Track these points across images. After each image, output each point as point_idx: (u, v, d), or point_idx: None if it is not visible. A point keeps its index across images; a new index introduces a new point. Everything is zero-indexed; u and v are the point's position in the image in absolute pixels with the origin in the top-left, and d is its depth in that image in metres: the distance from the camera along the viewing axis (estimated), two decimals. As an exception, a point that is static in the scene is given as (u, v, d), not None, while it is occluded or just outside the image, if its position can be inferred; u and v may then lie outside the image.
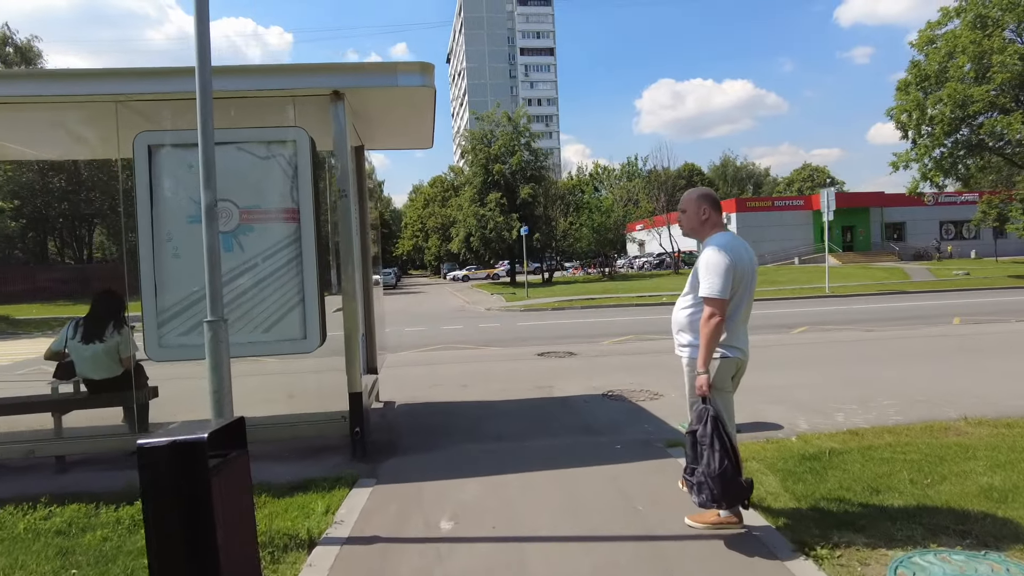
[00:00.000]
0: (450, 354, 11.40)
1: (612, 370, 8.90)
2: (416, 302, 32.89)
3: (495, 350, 12.13)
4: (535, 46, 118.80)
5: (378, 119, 5.79)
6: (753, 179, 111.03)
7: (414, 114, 5.68)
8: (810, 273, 38.73)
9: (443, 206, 72.15)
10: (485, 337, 14.98)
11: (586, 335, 14.57)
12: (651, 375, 8.35)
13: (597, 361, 9.78)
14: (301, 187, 4.89)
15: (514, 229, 38.70)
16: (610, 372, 8.74)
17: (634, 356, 10.21)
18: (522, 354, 10.84)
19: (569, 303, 24.62)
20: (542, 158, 44.00)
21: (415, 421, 6.39)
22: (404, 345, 13.69)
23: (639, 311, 20.83)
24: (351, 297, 5.04)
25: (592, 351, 10.93)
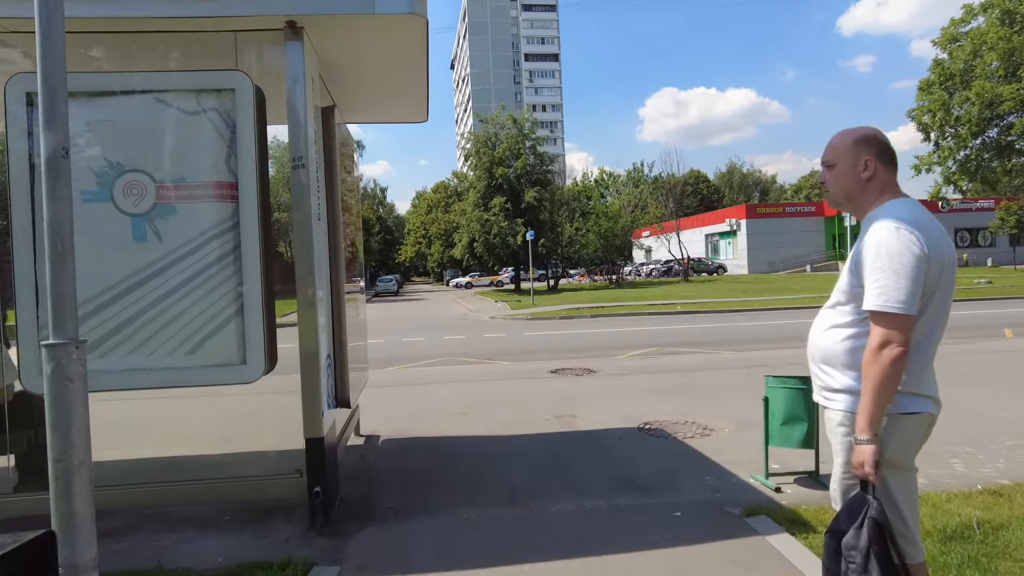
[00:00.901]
0: (450, 370, 10.00)
1: (641, 393, 7.50)
2: (417, 309, 31.52)
3: (501, 365, 10.72)
4: (539, 52, 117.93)
5: (354, 73, 4.43)
6: (760, 186, 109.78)
7: (401, 63, 4.31)
8: (825, 281, 37.24)
9: (446, 212, 71.00)
10: (490, 349, 13.58)
11: (601, 347, 13.18)
12: (689, 400, 6.96)
13: (621, 381, 8.37)
14: (242, 154, 3.53)
15: (519, 234, 37.37)
16: (639, 396, 7.34)
17: (663, 375, 8.79)
18: (533, 371, 9.44)
19: (578, 311, 23.22)
20: (548, 162, 42.72)
21: (403, 465, 4.99)
22: (399, 358, 12.30)
23: (654, 320, 19.41)
24: (309, 306, 3.68)
25: (613, 368, 9.51)
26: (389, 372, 10.00)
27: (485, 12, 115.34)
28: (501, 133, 41.51)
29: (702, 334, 15.45)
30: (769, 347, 12.21)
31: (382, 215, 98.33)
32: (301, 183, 3.61)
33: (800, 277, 43.46)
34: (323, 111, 4.19)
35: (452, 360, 12.06)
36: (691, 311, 22.45)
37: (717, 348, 12.53)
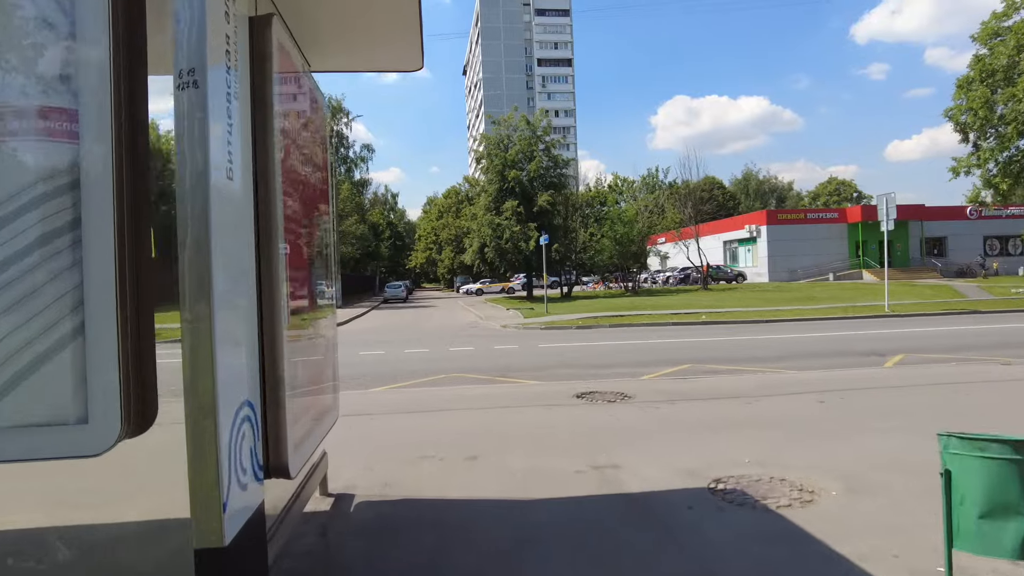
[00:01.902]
0: (456, 392, 8.45)
1: (695, 429, 5.93)
2: (425, 317, 30.05)
3: (516, 387, 9.14)
4: (552, 57, 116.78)
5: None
6: (776, 193, 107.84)
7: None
8: (852, 290, 35.52)
9: (457, 217, 69.71)
10: (501, 363, 12.04)
11: (628, 363, 11.60)
12: (762, 441, 5.38)
13: (666, 411, 6.79)
14: (84, 59, 2.00)
15: (531, 239, 35.87)
16: (694, 433, 5.77)
17: (714, 403, 7.20)
18: (554, 394, 7.88)
19: (595, 320, 21.65)
20: (562, 164, 41.24)
21: (380, 552, 3.44)
22: (399, 374, 10.78)
23: (679, 332, 17.80)
24: (199, 328, 2.15)
25: (650, 392, 7.93)
26: (383, 394, 8.49)
27: (498, 17, 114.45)
28: (514, 135, 40.12)
29: (738, 348, 13.84)
30: (823, 364, 10.59)
31: (392, 220, 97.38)
32: (188, 112, 2.10)
33: (824, 286, 41.64)
34: (255, 21, 2.70)
35: (459, 377, 10.53)
36: (717, 321, 20.85)
37: (761, 365, 10.92)
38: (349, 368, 12.03)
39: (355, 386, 9.74)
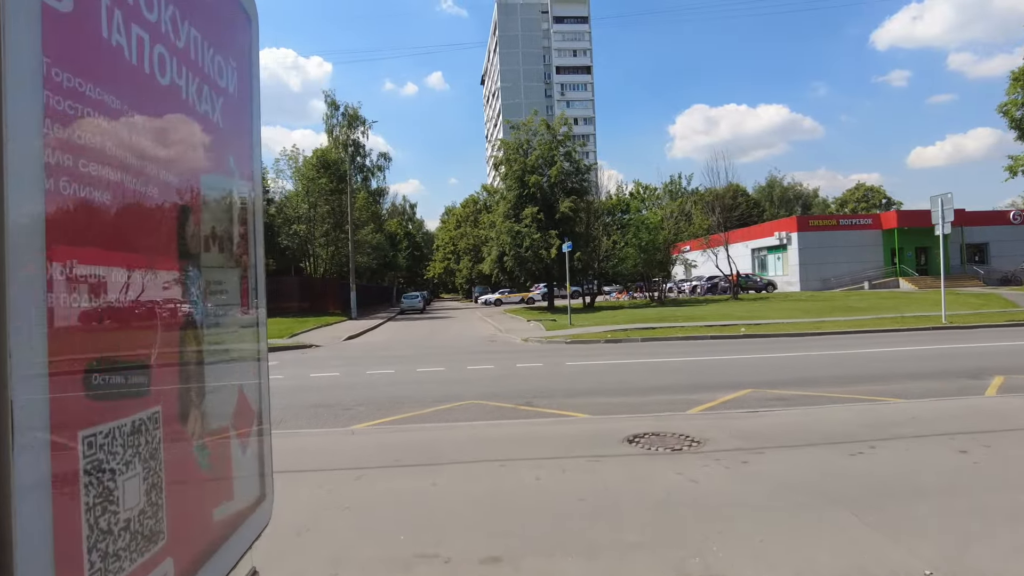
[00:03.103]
0: (471, 433, 6.70)
1: (814, 501, 4.15)
2: (441, 328, 28.42)
3: (545, 424, 7.40)
4: (571, 64, 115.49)
5: None
6: (801, 200, 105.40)
7: None
8: (892, 299, 33.21)
9: (475, 226, 68.31)
10: (526, 387, 10.32)
11: (676, 387, 9.82)
12: (920, 521, 3.63)
13: (756, 466, 5.00)
14: None
15: (552, 247, 34.17)
16: (816, 510, 3.99)
17: (812, 451, 5.41)
18: (598, 437, 6.12)
19: (625, 334, 19.85)
20: (584, 170, 39.54)
21: None
22: (403, 401, 9.10)
23: (721, 347, 15.95)
24: None
25: (721, 432, 6.14)
26: (378, 433, 6.80)
27: (516, 25, 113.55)
28: (534, 140, 38.54)
29: (797, 367, 11.98)
30: (910, 389, 8.71)
31: (411, 231, 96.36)
32: None
33: (860, 295, 39.35)
34: None
35: (476, 406, 8.83)
36: (759, 335, 18.96)
37: (836, 389, 9.09)
38: (348, 392, 10.39)
39: (346, 419, 8.08)
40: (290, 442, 6.28)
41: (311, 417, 8.44)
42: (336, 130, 55.49)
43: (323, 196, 41.83)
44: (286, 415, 8.62)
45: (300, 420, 8.25)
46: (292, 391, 10.88)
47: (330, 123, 56.08)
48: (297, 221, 42.43)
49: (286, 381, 12.30)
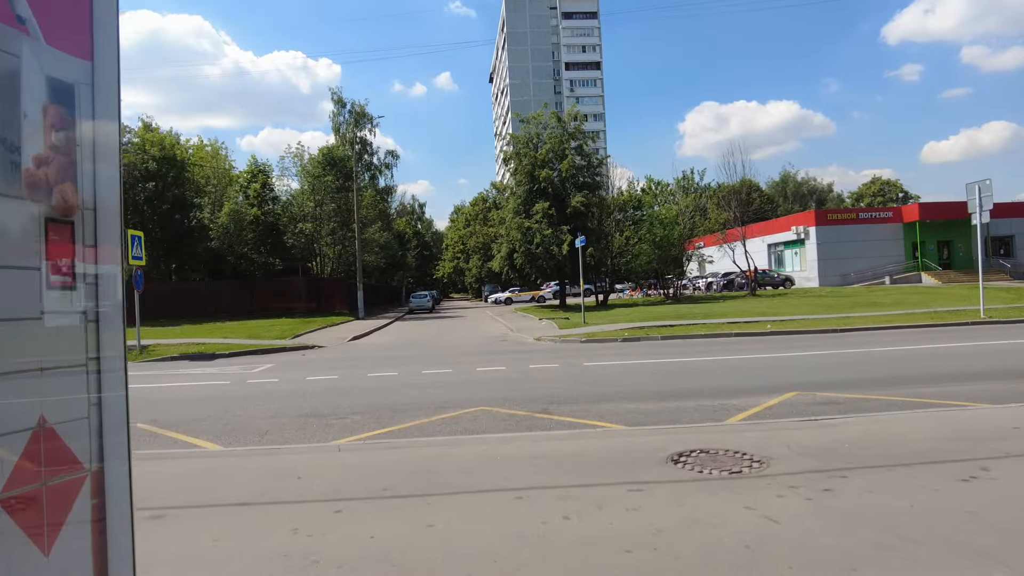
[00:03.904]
0: (480, 450, 5.62)
1: (954, 556, 3.11)
2: (450, 329, 27.43)
3: (569, 439, 6.37)
4: (580, 60, 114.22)
5: None
6: (816, 195, 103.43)
7: None
8: (918, 295, 31.82)
9: (485, 224, 67.33)
10: (542, 391, 9.28)
11: (710, 390, 8.75)
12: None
13: (844, 497, 3.88)
14: None
15: (564, 243, 33.07)
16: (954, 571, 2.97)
17: (906, 472, 4.34)
18: (634, 454, 5.07)
19: (643, 332, 18.75)
20: (596, 164, 38.39)
21: None
22: (404, 409, 8.09)
23: (748, 346, 14.84)
24: None
25: (783, 448, 5.06)
26: (369, 449, 5.77)
27: (524, 22, 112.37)
28: (544, 133, 37.42)
29: (839, 366, 10.88)
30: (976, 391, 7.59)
31: (420, 230, 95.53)
32: None
33: (883, 290, 37.95)
34: None
35: (487, 413, 7.80)
36: (786, 332, 17.82)
37: (895, 392, 8.00)
38: (345, 398, 9.39)
39: (339, 430, 7.08)
40: (264, 462, 5.29)
41: (299, 428, 7.46)
42: (343, 128, 54.52)
43: (329, 194, 40.94)
44: (272, 426, 7.64)
45: (286, 432, 7.26)
46: (284, 397, 9.91)
47: (337, 121, 55.07)
48: (303, 219, 41.56)
49: (280, 386, 11.33)
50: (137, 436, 7.36)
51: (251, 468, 5.11)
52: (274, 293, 37.62)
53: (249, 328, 26.03)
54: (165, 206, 37.83)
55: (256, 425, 7.71)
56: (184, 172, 40.76)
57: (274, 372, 13.40)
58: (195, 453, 5.85)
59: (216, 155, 53.54)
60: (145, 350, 18.25)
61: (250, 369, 14.02)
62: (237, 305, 35.57)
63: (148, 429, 7.72)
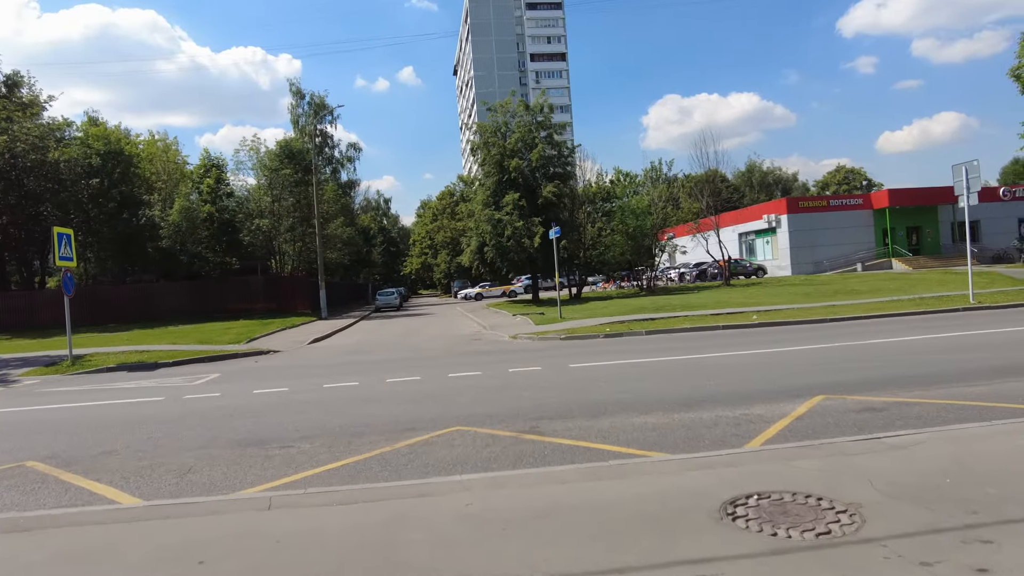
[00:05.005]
0: (455, 506, 4.21)
1: None
2: (419, 327, 25.92)
3: (579, 483, 5.05)
4: (546, 51, 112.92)
5: None
6: (781, 184, 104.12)
7: None
8: (894, 281, 31.36)
9: (452, 218, 65.65)
10: (527, 402, 7.93)
11: (721, 396, 7.49)
12: None
13: None
14: None
15: (536, 235, 31.77)
16: None
17: None
18: (669, 504, 3.74)
19: (625, 327, 17.57)
20: (566, 153, 37.13)
21: None
22: (363, 433, 6.65)
23: (740, 339, 13.73)
24: None
25: (870, 484, 3.78)
26: (305, 506, 4.31)
27: (488, 12, 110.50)
28: (512, 122, 36.01)
29: (853, 361, 9.78)
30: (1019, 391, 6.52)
31: (386, 226, 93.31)
32: None
33: (857, 277, 37.53)
34: None
35: (462, 434, 6.43)
36: (774, 323, 16.81)
37: (930, 391, 6.87)
38: (295, 417, 7.89)
39: (280, 464, 5.63)
40: (163, 531, 3.84)
41: (231, 463, 5.98)
42: (302, 120, 52.34)
43: (288, 188, 38.89)
44: (198, 460, 6.14)
45: (214, 469, 5.78)
46: (223, 417, 8.38)
47: (295, 113, 52.77)
48: (260, 216, 39.45)
49: (220, 401, 9.77)
50: (20, 481, 5.80)
51: (141, 542, 3.67)
52: (232, 293, 35.45)
53: (203, 332, 24.16)
54: (112, 204, 35.36)
55: (179, 459, 6.21)
56: (132, 168, 38.24)
57: (218, 384, 11.80)
58: (73, 518, 4.34)
59: (168, 150, 50.86)
60: (79, 361, 16.37)
61: (192, 381, 12.38)
62: (193, 307, 33.43)
63: (39, 469, 6.16)
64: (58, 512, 4.50)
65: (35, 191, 31.98)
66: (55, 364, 16.10)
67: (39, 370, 15.43)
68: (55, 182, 32.47)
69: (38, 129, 33.31)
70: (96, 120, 42.77)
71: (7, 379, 14.51)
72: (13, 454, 6.85)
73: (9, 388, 13.17)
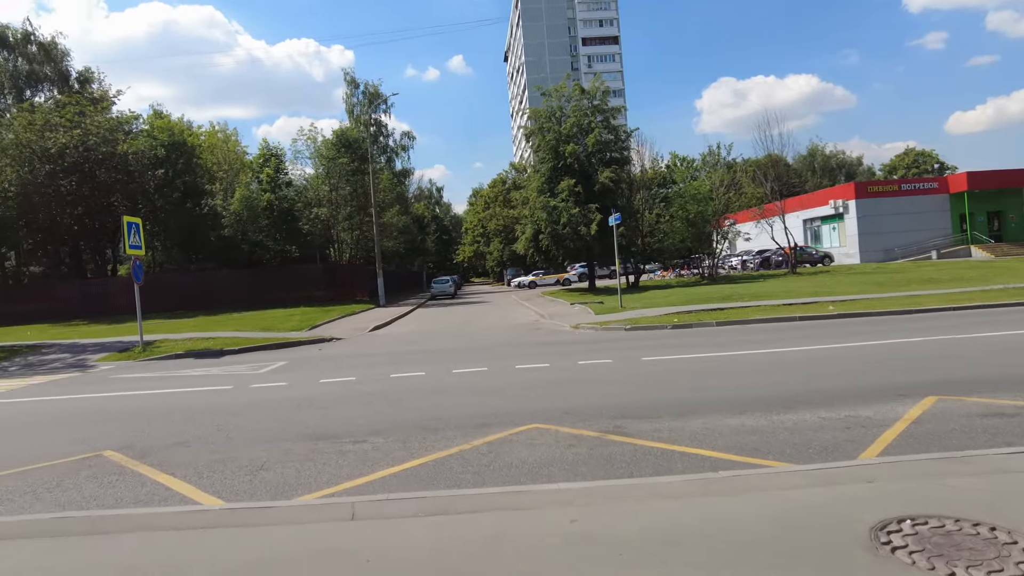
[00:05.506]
0: (554, 526, 3.63)
1: None
2: (476, 315, 25.72)
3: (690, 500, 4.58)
4: (598, 35, 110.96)
5: None
6: (844, 169, 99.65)
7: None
8: (975, 270, 29.27)
9: (505, 206, 65.32)
10: (602, 400, 7.48)
11: (820, 395, 6.86)
12: None
13: None
14: None
15: (593, 222, 31.08)
16: None
17: None
18: (802, 529, 3.24)
19: (694, 317, 16.84)
20: (623, 138, 36.17)
21: None
22: (436, 428, 6.32)
23: (821, 331, 12.87)
24: None
25: None
26: (389, 517, 3.95)
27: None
28: (567, 106, 35.29)
29: (956, 357, 8.94)
30: None
31: (438, 214, 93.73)
32: None
33: (935, 265, 35.45)
34: None
35: (541, 432, 6.03)
36: (852, 314, 15.75)
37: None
38: (364, 410, 7.64)
39: (354, 463, 5.35)
40: (237, 542, 3.57)
41: (304, 459, 5.75)
42: (357, 109, 52.94)
43: (344, 177, 39.23)
44: (270, 455, 5.94)
45: (287, 466, 5.56)
46: (291, 409, 8.23)
47: (350, 102, 53.54)
48: (318, 204, 39.95)
49: (288, 391, 9.66)
50: (99, 472, 5.71)
51: (218, 556, 3.40)
52: (291, 281, 36.09)
53: (265, 319, 24.55)
54: (176, 194, 36.43)
55: (251, 454, 6.03)
56: (195, 159, 39.32)
57: (284, 372, 11.76)
58: (150, 520, 4.14)
59: (228, 141, 52.14)
60: (149, 347, 16.76)
61: (258, 369, 12.41)
62: (254, 294, 34.15)
63: (116, 460, 6.08)
64: (137, 513, 4.32)
65: (106, 182, 33.12)
66: (127, 350, 16.51)
67: (113, 356, 15.85)
68: (124, 173, 33.55)
69: (108, 123, 34.53)
70: (160, 113, 44.14)
71: (85, 364, 14.94)
72: (91, 443, 6.83)
73: (87, 373, 13.51)
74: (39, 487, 5.39)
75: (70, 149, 31.86)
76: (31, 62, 41.24)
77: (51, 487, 5.38)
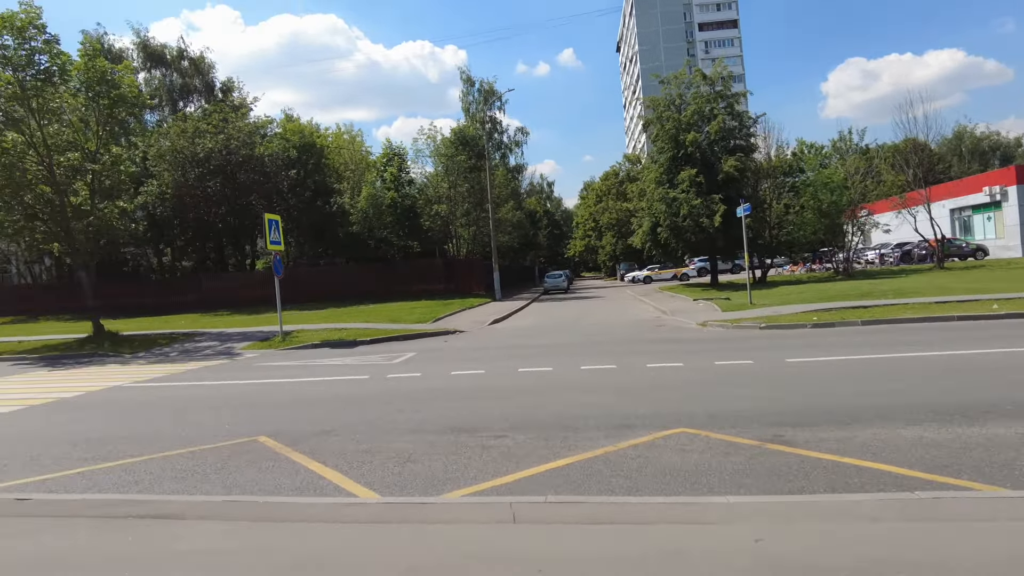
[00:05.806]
0: (751, 567, 3.54)
1: None
2: (592, 310, 25.43)
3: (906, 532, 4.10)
4: (715, 19, 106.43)
5: None
6: (999, 152, 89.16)
7: None
8: None
9: (619, 199, 64.24)
10: (750, 404, 7.01)
11: (997, 405, 6.04)
12: None
13: None
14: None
15: (716, 214, 29.72)
16: None
17: None
18: None
19: (836, 315, 15.60)
20: (748, 124, 34.28)
21: None
22: (574, 426, 6.15)
23: (982, 332, 11.44)
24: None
25: None
26: (552, 522, 3.80)
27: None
28: (687, 94, 33.95)
29: None
30: None
31: (550, 209, 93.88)
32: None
33: (1120, 259, 30.81)
34: None
35: (690, 437, 5.71)
36: (1021, 313, 13.90)
37: None
38: (498, 404, 7.63)
39: (498, 458, 5.29)
40: (401, 539, 3.57)
41: (449, 451, 5.80)
42: (472, 107, 53.95)
43: (462, 174, 40.16)
44: (416, 446, 6.04)
45: (434, 458, 5.62)
46: (428, 400, 8.40)
47: (466, 100, 54.64)
48: (438, 201, 41.17)
49: (423, 382, 9.90)
50: (256, 457, 6.05)
51: (389, 556, 3.42)
52: (413, 275, 37.53)
53: (390, 311, 25.56)
54: (307, 193, 38.82)
55: (395, 445, 6.16)
56: (323, 159, 41.71)
57: (415, 364, 12.10)
58: (315, 511, 4.28)
59: (353, 142, 54.96)
60: (288, 336, 17.90)
61: (391, 360, 12.86)
62: (379, 288, 35.77)
63: (269, 446, 6.42)
64: (301, 502, 4.50)
65: (245, 183, 35.90)
66: (268, 339, 17.71)
67: (256, 344, 17.05)
68: (261, 174, 36.22)
69: (247, 127, 37.42)
70: (291, 117, 47.25)
71: (232, 352, 16.17)
72: (246, 428, 7.29)
73: (234, 361, 14.60)
74: (207, 468, 5.79)
75: (215, 153, 34.89)
76: (183, 76, 45.83)
77: (217, 468, 5.75)
